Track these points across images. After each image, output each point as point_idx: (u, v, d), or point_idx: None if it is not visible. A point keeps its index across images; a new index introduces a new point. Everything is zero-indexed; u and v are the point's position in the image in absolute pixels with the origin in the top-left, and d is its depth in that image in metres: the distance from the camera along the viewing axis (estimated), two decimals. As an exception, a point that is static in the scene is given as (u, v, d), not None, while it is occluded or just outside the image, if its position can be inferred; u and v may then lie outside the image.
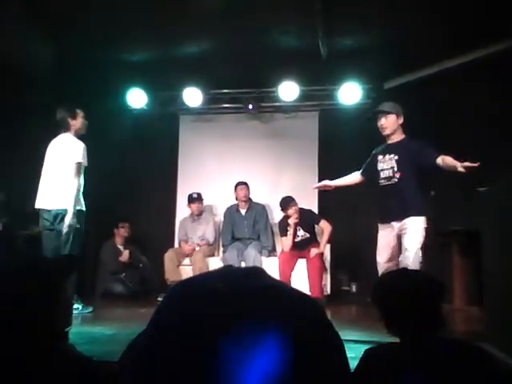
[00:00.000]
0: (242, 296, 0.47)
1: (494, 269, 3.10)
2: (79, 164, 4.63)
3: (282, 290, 0.51)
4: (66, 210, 4.52)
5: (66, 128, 4.81)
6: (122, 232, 6.86)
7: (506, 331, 2.82)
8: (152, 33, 5.88)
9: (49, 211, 4.65)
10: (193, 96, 6.95)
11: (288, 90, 6.80)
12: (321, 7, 5.04)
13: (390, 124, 4.20)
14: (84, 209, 4.71)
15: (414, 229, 3.95)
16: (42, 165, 4.85)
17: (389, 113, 4.19)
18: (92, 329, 3.83)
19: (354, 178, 4.58)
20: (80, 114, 4.86)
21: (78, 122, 4.84)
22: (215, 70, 6.54)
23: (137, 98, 7.06)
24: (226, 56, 6.22)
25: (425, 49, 5.85)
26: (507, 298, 2.83)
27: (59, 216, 4.57)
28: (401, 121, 4.21)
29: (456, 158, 3.79)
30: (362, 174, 4.50)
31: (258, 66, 6.40)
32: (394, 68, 6.42)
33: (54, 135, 4.93)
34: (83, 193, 4.72)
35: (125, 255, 6.78)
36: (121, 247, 6.88)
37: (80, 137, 4.85)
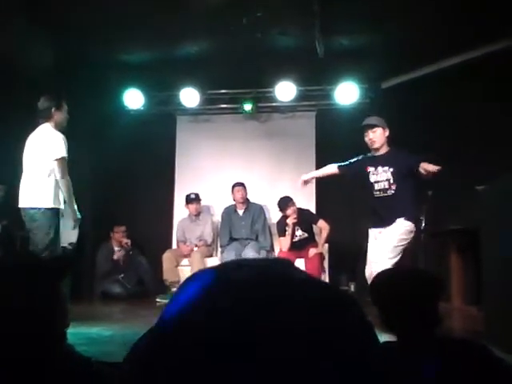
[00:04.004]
0: (273, 288, 0.46)
1: (492, 268, 3.10)
2: (64, 159, 4.32)
3: (312, 285, 0.49)
4: (40, 209, 4.23)
5: (47, 117, 4.45)
6: (116, 237, 6.84)
7: (504, 329, 2.83)
8: (149, 33, 5.87)
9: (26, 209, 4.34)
10: (190, 96, 6.94)
11: (285, 90, 6.79)
12: (318, 7, 5.04)
13: (378, 137, 4.31)
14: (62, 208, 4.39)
15: (391, 237, 4.07)
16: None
17: (375, 126, 4.30)
18: (90, 330, 3.82)
19: (330, 170, 4.69)
20: (65, 106, 4.55)
21: (61, 114, 4.50)
22: (212, 70, 6.53)
23: (134, 99, 7.05)
24: (223, 56, 6.22)
25: (422, 48, 5.85)
26: (505, 296, 2.84)
27: (36, 214, 4.25)
28: (387, 133, 4.32)
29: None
30: (339, 167, 4.59)
31: (255, 66, 6.39)
32: (392, 68, 6.42)
33: (34, 127, 4.54)
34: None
35: (125, 241, 6.76)
36: (117, 249, 6.86)
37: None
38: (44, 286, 1.28)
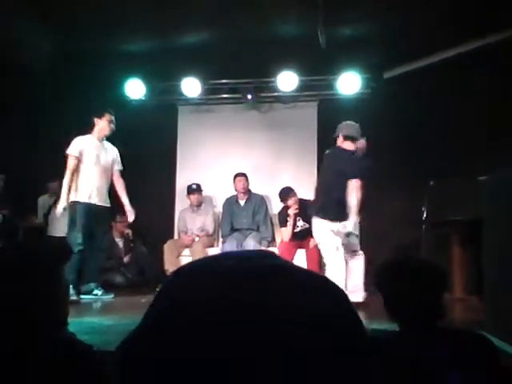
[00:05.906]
0: (252, 276, 0.45)
1: (493, 258, 3.10)
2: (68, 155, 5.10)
3: (294, 271, 0.49)
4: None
5: (91, 126, 5.32)
6: (118, 227, 6.84)
7: (504, 319, 2.83)
8: (150, 23, 5.85)
9: None
10: (191, 86, 6.91)
11: (287, 80, 6.76)
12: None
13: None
14: (81, 200, 5.13)
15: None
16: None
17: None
18: (91, 319, 3.84)
19: None
20: (107, 116, 5.32)
21: (102, 123, 5.30)
22: (214, 60, 6.51)
23: (135, 89, 7.02)
24: (224, 46, 6.19)
25: (424, 38, 5.81)
26: (506, 286, 2.83)
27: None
28: (341, 138, 4.88)
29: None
30: None
31: (256, 56, 6.36)
32: (394, 57, 6.38)
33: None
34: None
35: (127, 231, 6.78)
36: (119, 239, 6.86)
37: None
38: (44, 274, 1.28)
